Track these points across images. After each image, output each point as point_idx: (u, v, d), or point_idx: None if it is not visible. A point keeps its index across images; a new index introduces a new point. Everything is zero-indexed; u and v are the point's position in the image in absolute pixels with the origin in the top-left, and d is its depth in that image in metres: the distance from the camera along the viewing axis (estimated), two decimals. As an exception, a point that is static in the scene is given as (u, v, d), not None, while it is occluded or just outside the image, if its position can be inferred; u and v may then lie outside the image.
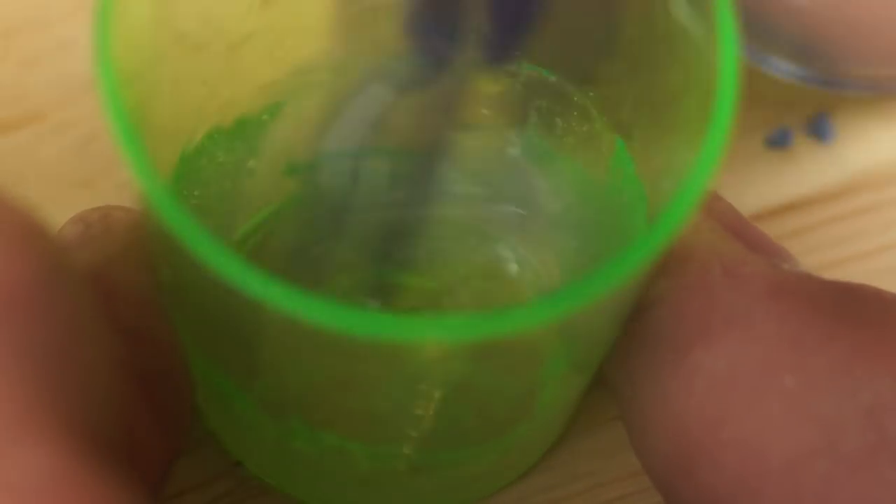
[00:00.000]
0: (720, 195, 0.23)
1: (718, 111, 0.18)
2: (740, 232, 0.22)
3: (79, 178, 0.29)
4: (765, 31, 0.29)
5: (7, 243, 0.17)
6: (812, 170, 0.30)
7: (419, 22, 0.21)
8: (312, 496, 0.26)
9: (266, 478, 0.26)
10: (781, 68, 0.29)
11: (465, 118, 0.23)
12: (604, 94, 0.23)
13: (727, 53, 0.19)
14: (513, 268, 0.24)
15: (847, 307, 0.20)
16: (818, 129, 0.30)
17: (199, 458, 0.26)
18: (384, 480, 0.25)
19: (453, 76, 0.21)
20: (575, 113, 0.24)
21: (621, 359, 0.22)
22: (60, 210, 0.22)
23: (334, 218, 0.24)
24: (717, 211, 0.22)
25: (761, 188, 0.30)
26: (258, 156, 0.25)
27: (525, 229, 0.24)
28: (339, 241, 0.24)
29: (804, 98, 0.31)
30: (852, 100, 0.31)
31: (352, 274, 0.24)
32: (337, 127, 0.23)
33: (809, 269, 0.22)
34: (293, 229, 0.25)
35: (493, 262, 0.24)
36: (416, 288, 0.24)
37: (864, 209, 0.30)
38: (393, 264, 0.24)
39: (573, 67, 0.23)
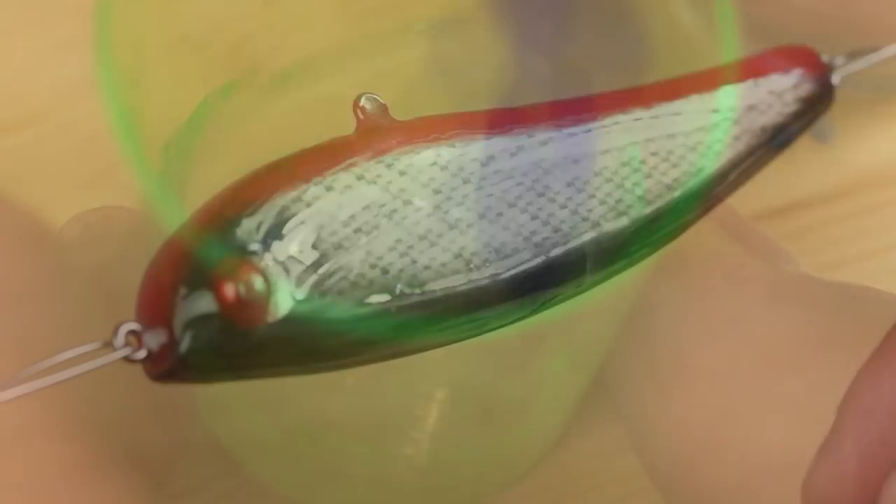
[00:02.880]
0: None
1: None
2: (741, 234, 0.22)
3: (80, 178, 0.29)
4: (765, 31, 0.29)
5: (9, 243, 0.17)
6: (812, 170, 0.30)
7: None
8: (312, 497, 0.26)
9: (266, 478, 0.26)
10: (782, 68, 0.29)
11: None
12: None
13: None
14: None
15: (847, 308, 0.20)
16: (818, 129, 0.30)
17: (199, 458, 0.26)
18: (385, 481, 0.25)
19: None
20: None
21: (622, 360, 0.22)
22: (61, 211, 0.22)
23: None
24: (717, 213, 0.22)
25: (761, 188, 0.30)
26: None
27: None
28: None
29: (804, 98, 0.31)
30: (852, 100, 0.31)
31: None
32: None
33: (809, 269, 0.22)
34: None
35: None
36: None
37: (863, 209, 0.30)
38: None
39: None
